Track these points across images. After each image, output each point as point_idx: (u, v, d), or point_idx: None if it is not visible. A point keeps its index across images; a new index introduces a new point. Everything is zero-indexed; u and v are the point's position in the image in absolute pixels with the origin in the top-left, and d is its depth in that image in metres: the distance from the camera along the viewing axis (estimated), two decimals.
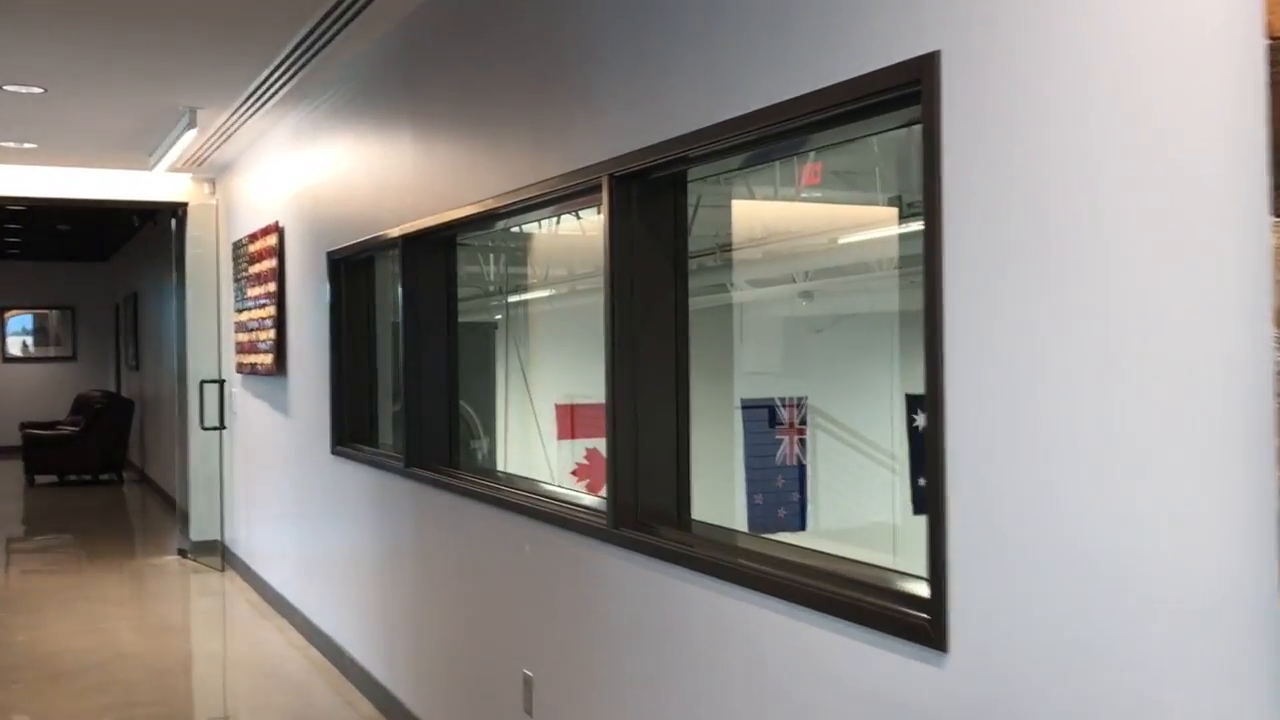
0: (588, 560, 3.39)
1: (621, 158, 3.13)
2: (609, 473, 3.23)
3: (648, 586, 3.09)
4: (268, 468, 7.69)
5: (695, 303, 3.42)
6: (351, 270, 6.03)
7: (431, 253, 4.91)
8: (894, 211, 4.90)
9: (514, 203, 3.81)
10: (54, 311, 19.05)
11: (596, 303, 3.38)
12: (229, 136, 7.52)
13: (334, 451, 6.02)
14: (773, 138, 2.63)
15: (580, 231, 10.46)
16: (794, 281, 11.46)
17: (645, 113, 3.06)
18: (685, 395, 3.25)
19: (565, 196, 3.49)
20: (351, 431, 6.00)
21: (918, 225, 2.21)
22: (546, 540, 3.65)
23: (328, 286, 6.09)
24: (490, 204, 4.02)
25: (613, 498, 3.20)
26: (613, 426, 3.21)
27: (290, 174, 6.96)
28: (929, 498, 2.13)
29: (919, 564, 2.23)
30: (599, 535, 3.29)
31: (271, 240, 7.18)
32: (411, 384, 4.90)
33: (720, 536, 3.10)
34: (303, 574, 6.80)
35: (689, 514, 3.23)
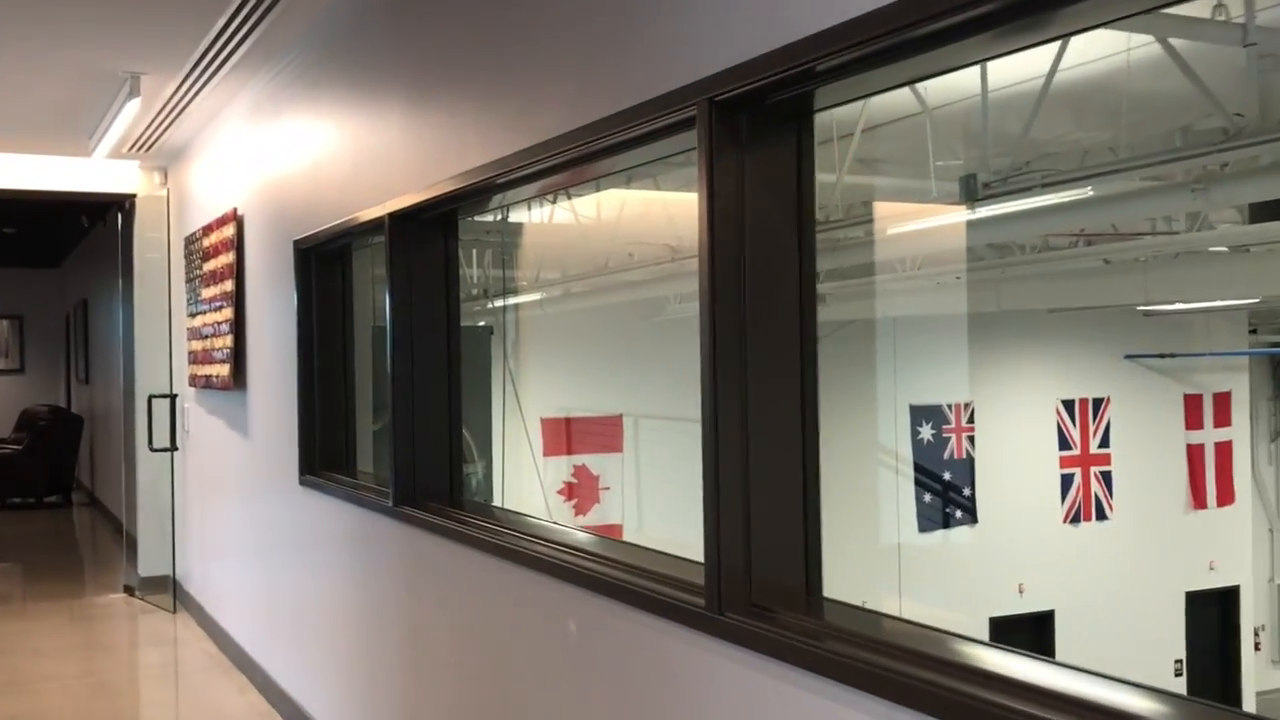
0: (670, 653, 2.39)
1: (723, 75, 2.15)
2: (708, 534, 2.22)
3: (765, 698, 2.10)
4: (224, 496, 6.64)
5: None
6: (324, 263, 5.01)
7: (426, 235, 3.90)
8: None
9: (549, 155, 2.81)
10: (1, 321, 17.83)
11: (586, 306, 2.53)
12: (179, 113, 6.47)
13: (303, 481, 4.99)
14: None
15: (575, 224, 9.50)
16: None
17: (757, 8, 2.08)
18: (814, 425, 2.26)
19: (635, 139, 2.47)
20: (324, 457, 4.97)
21: None
22: (602, 619, 2.65)
23: (294, 283, 5.07)
24: (514, 162, 3.01)
25: (714, 567, 2.20)
26: (714, 467, 2.21)
27: (250, 154, 5.93)
28: None
29: None
30: (688, 618, 2.29)
31: (228, 231, 6.14)
32: (401, 400, 3.88)
33: (861, 625, 2.11)
34: (266, 624, 5.75)
35: (819, 592, 2.24)
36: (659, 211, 8.01)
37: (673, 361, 13.46)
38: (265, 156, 5.65)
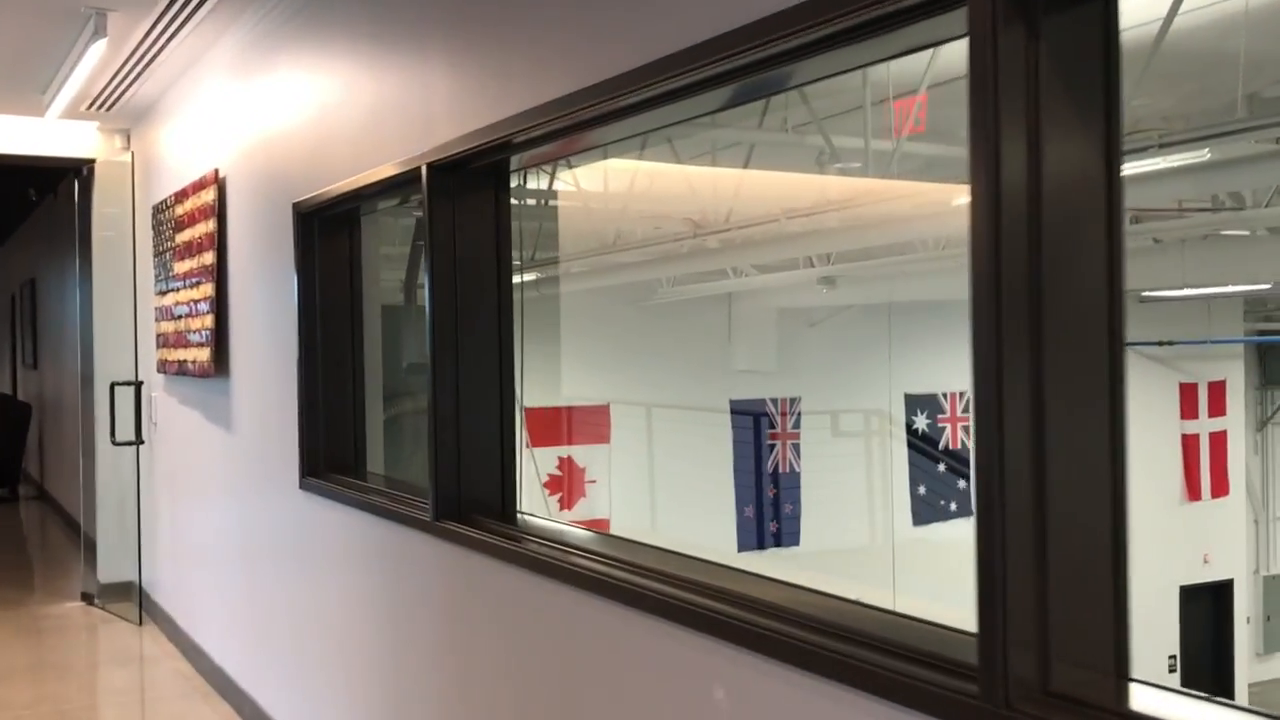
0: None
1: None
2: (986, 587, 1.55)
3: None
4: (201, 496, 5.88)
5: None
6: (329, 229, 4.29)
7: (474, 187, 3.21)
8: None
9: (629, 90, 2.13)
10: None
11: (586, 288, 1.92)
12: (149, 62, 5.69)
13: (304, 484, 4.27)
14: None
15: (577, 195, 8.80)
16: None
17: None
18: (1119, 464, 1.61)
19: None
20: (330, 457, 4.26)
21: None
22: (771, 687, 1.97)
23: (294, 254, 4.34)
24: (586, 100, 2.32)
25: (994, 635, 1.54)
26: (996, 463, 1.54)
27: (235, 109, 5.18)
28: None
29: None
30: (947, 709, 1.62)
31: (208, 196, 5.38)
32: (443, 394, 3.18)
33: None
34: (255, 646, 5.02)
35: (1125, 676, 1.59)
36: (676, 184, 7.36)
37: (664, 349, 12.81)
38: (255, 109, 4.90)
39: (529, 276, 9.51)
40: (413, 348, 4.72)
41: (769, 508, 13.69)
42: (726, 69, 2.00)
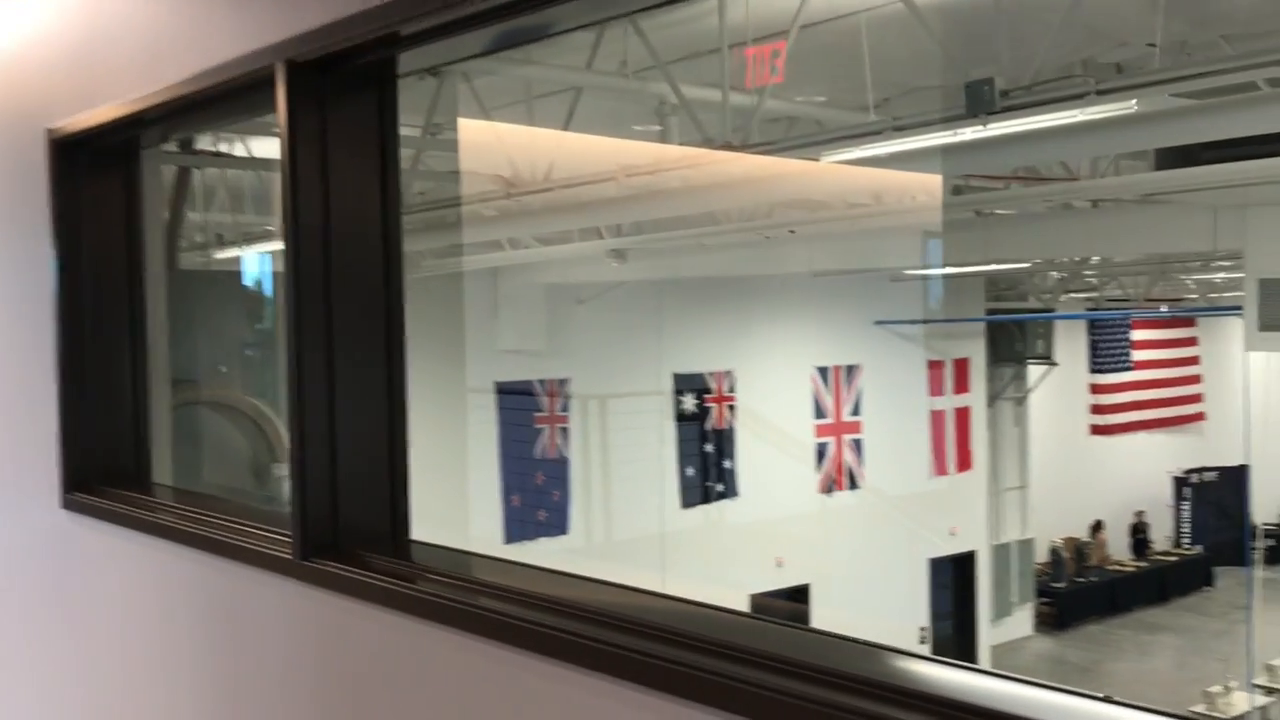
0: None
1: None
2: None
3: None
4: None
5: None
6: (102, 167, 3.25)
7: (345, 94, 2.34)
8: None
9: None
10: None
11: None
12: None
13: (69, 503, 3.22)
14: None
15: None
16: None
17: None
18: None
19: None
20: (105, 464, 3.23)
21: None
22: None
23: (49, 197, 3.27)
24: None
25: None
26: None
27: None
28: None
29: None
30: None
31: None
32: (311, 382, 2.30)
33: None
34: None
35: None
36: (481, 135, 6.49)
37: (426, 329, 11.90)
38: None
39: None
40: (215, 317, 3.73)
41: (536, 495, 13.02)
42: None
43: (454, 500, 11.73)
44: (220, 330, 4.16)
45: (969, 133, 4.68)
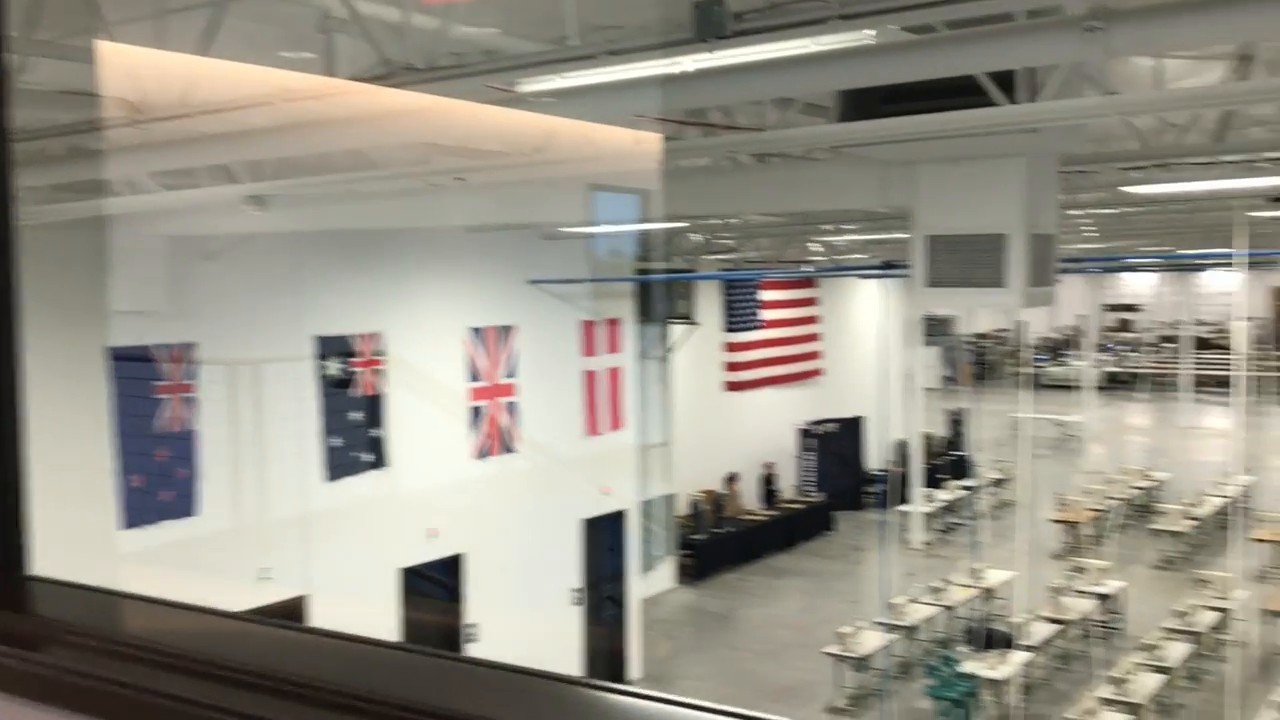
0: None
1: None
2: None
3: None
4: None
5: None
6: None
7: None
8: None
9: None
10: None
11: None
12: None
13: None
14: None
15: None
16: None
17: None
18: None
19: None
20: None
21: None
22: None
23: None
24: None
25: None
26: None
27: None
28: None
29: None
30: None
31: None
32: None
33: None
34: None
35: None
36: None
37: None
38: None
39: None
40: None
41: (160, 475, 11.52)
42: None
43: (60, 490, 10.08)
44: None
45: (690, 61, 4.20)
